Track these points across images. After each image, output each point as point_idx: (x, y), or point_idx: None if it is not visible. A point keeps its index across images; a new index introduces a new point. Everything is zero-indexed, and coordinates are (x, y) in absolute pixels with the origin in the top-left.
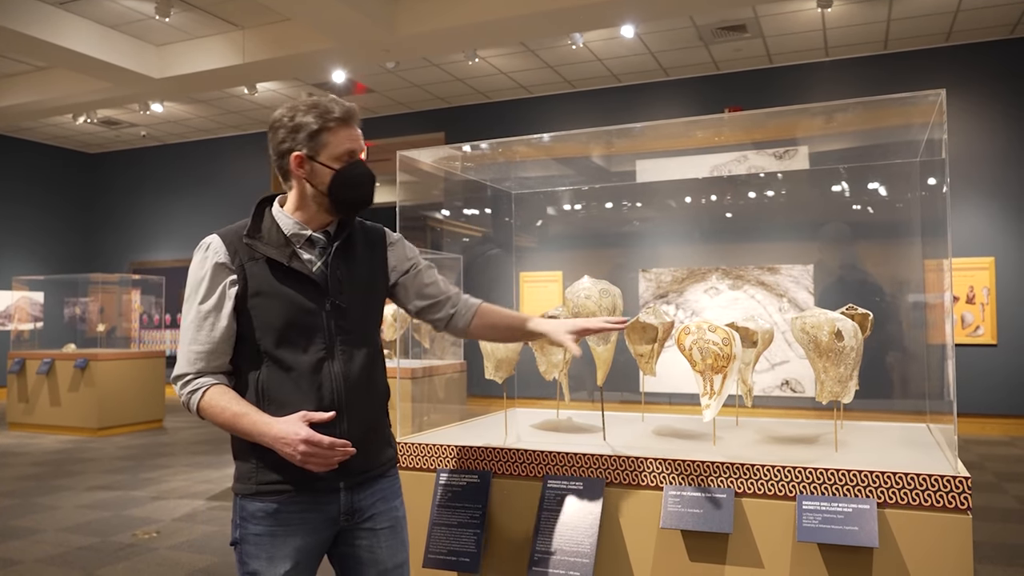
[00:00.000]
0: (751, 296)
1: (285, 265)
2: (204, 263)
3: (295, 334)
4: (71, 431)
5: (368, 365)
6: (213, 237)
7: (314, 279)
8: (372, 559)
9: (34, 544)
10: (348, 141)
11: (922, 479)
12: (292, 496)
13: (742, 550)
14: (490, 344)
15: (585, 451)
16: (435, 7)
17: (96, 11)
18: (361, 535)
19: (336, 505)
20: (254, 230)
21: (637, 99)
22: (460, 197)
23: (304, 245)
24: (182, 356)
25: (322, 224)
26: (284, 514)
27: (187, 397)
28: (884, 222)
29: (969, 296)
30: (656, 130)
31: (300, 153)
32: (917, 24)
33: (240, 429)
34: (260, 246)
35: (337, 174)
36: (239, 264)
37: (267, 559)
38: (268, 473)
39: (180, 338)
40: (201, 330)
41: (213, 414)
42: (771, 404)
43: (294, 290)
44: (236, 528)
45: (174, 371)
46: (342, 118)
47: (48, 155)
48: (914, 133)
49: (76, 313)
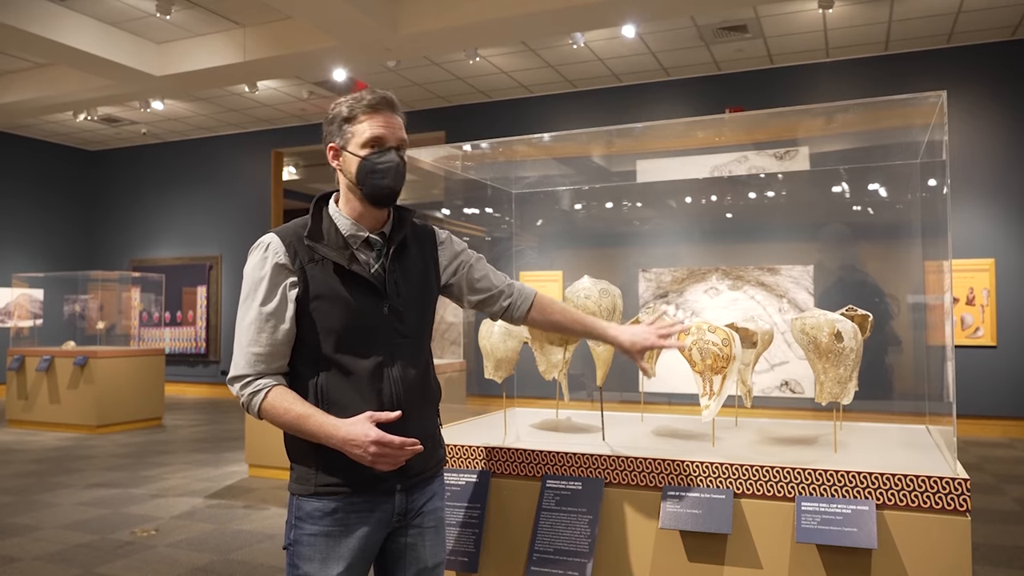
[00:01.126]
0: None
1: (345, 268)
2: (264, 263)
3: (355, 338)
4: (70, 428)
5: (424, 367)
6: (272, 237)
7: (373, 283)
8: (415, 557)
9: (33, 541)
10: (375, 128)
11: (921, 480)
12: (350, 496)
13: (741, 551)
14: (490, 343)
15: (584, 451)
16: (436, 6)
17: (97, 8)
18: (409, 533)
19: (391, 505)
20: (315, 231)
21: (638, 99)
22: (460, 196)
23: (361, 247)
24: (241, 357)
25: (376, 223)
26: (341, 514)
27: (248, 398)
28: (884, 223)
29: (969, 298)
30: (657, 130)
31: (334, 144)
32: (918, 25)
33: (306, 430)
34: (321, 248)
35: (362, 162)
36: (299, 266)
37: (320, 560)
38: (327, 476)
39: (237, 338)
40: (263, 332)
41: (276, 415)
42: (770, 405)
43: (353, 294)
44: (291, 529)
45: (231, 372)
46: (372, 104)
47: (48, 152)
48: (915, 134)
49: (76, 310)
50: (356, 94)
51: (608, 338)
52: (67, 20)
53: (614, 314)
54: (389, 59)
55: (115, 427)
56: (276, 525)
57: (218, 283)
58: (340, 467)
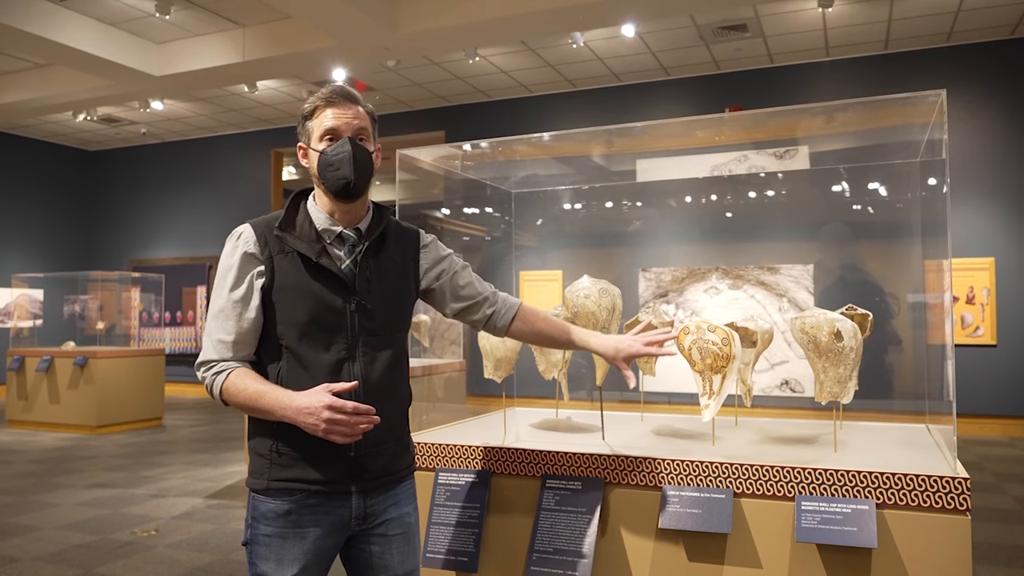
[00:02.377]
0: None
1: (313, 261)
2: (234, 252)
3: (318, 331)
4: (70, 429)
5: (391, 368)
6: (245, 226)
7: (341, 277)
8: (382, 565)
9: (33, 542)
10: (329, 120)
11: (921, 480)
12: (304, 498)
13: (741, 550)
14: (489, 343)
15: (584, 451)
16: (436, 6)
17: (96, 8)
18: (373, 540)
19: (348, 509)
20: (286, 223)
21: (637, 98)
22: (460, 196)
23: (335, 241)
24: (208, 344)
25: (351, 219)
26: (295, 515)
27: (211, 380)
28: (884, 222)
29: (969, 296)
30: (656, 129)
31: (302, 143)
32: (918, 24)
33: (262, 406)
34: (291, 240)
35: (320, 156)
36: (268, 256)
37: (276, 561)
38: (281, 470)
39: (207, 325)
40: (229, 319)
41: (235, 393)
42: (770, 404)
43: (320, 287)
44: (248, 528)
45: (199, 358)
46: (327, 98)
47: (48, 152)
48: (914, 133)
49: (76, 311)
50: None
51: (591, 347)
52: (66, 20)
53: (614, 313)
54: (389, 59)
55: (115, 427)
56: None
57: None
58: (293, 462)
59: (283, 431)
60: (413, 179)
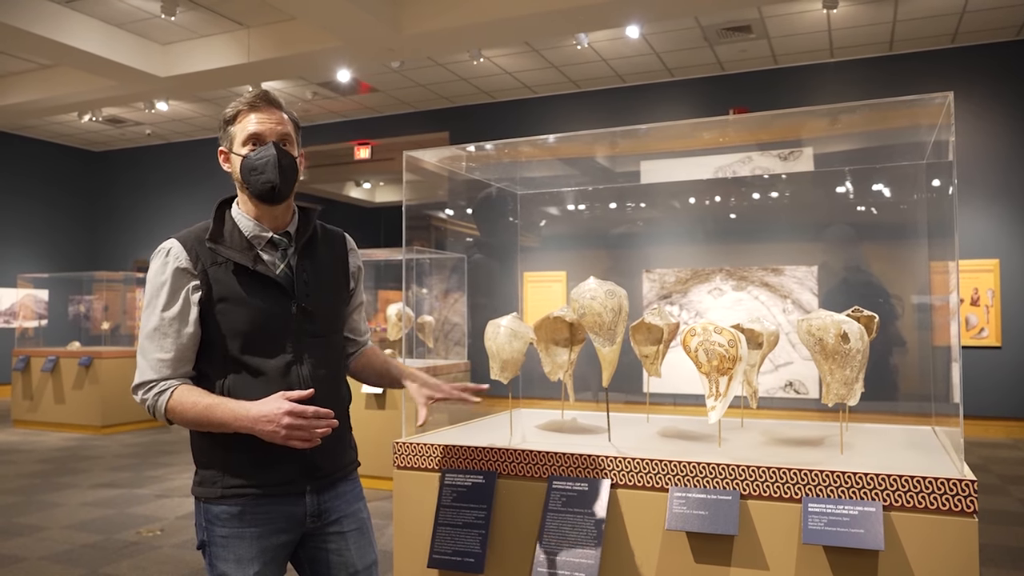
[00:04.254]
0: (755, 297)
1: (250, 269)
2: (164, 268)
3: (262, 339)
4: (75, 429)
5: (334, 368)
6: (172, 242)
7: (279, 282)
8: (341, 562)
9: (39, 541)
10: (251, 125)
11: (928, 482)
12: (258, 499)
13: (747, 552)
14: (496, 344)
15: (590, 452)
16: (440, 7)
17: (102, 10)
18: (329, 538)
19: (302, 507)
20: (216, 233)
21: (642, 99)
22: (464, 197)
23: (266, 247)
24: (145, 364)
25: (278, 223)
26: (249, 515)
27: (153, 400)
28: (889, 224)
29: (974, 298)
30: (661, 131)
31: (223, 147)
32: (923, 25)
33: (215, 419)
34: (223, 250)
35: (243, 161)
36: (201, 269)
37: (235, 560)
38: (233, 478)
39: (141, 345)
40: (167, 337)
41: (183, 411)
42: (775, 405)
43: (259, 294)
44: (202, 531)
45: (135, 380)
46: (250, 102)
47: (53, 153)
48: (921, 135)
49: (80, 311)
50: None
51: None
52: (72, 21)
53: (620, 315)
54: (393, 60)
55: (120, 427)
56: None
57: None
58: (247, 468)
59: (235, 439)
60: (418, 180)
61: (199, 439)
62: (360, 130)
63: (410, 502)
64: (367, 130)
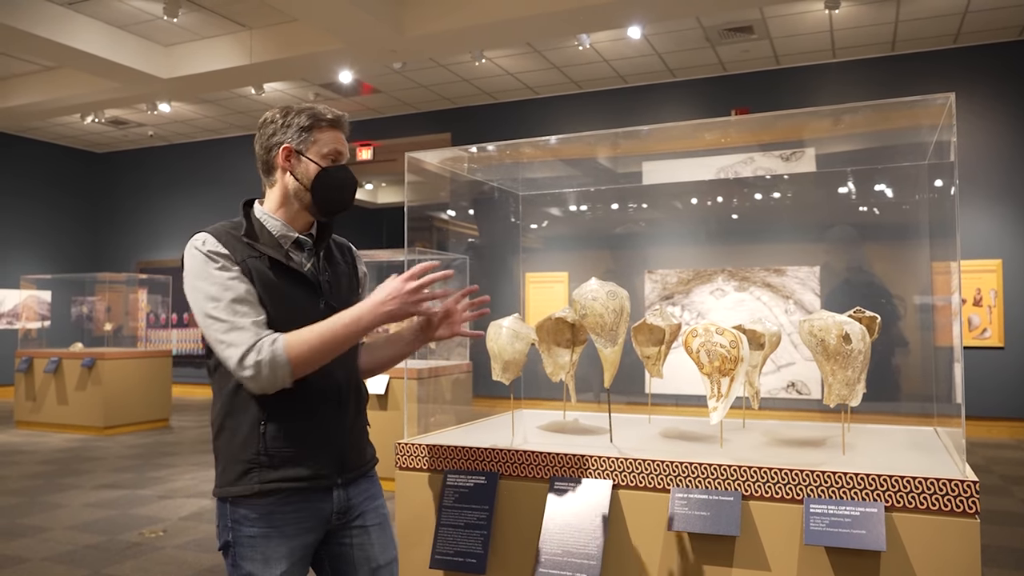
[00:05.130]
0: (757, 298)
1: (284, 264)
2: (214, 257)
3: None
4: (78, 430)
5: (353, 365)
6: (206, 235)
7: (310, 280)
8: (364, 557)
9: (42, 542)
10: (336, 142)
11: (930, 483)
12: (286, 497)
13: (749, 553)
14: (498, 345)
15: (592, 453)
16: (442, 8)
17: (104, 11)
18: (352, 533)
19: (330, 504)
20: (250, 230)
21: (644, 100)
22: (466, 198)
23: (292, 247)
24: (234, 335)
25: (305, 226)
26: (278, 515)
27: (269, 352)
28: (891, 224)
29: (976, 298)
30: (662, 132)
31: (289, 145)
32: (925, 26)
33: (340, 330)
34: (258, 245)
35: (323, 172)
36: (241, 260)
37: (263, 560)
38: (270, 472)
39: (221, 324)
40: (246, 303)
41: (306, 342)
42: (777, 406)
43: (293, 290)
44: (226, 531)
45: (233, 357)
46: (333, 120)
47: (56, 155)
48: (922, 135)
49: (83, 312)
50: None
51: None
52: (75, 23)
53: (621, 316)
54: (395, 61)
55: (123, 428)
56: None
57: None
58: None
59: (269, 434)
60: (420, 181)
61: (232, 435)
62: (362, 131)
63: (412, 503)
64: (369, 131)
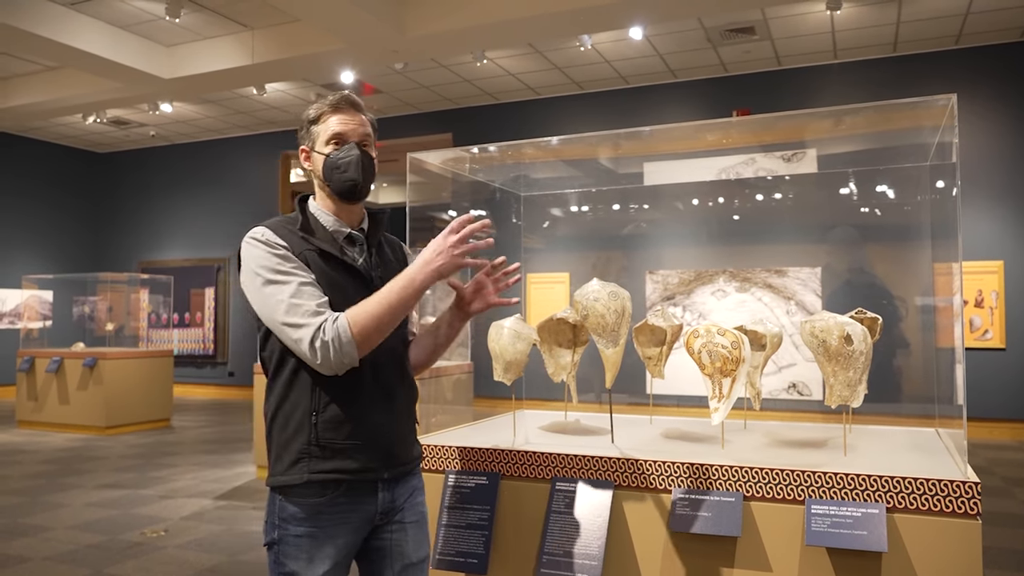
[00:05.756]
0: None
1: (338, 258)
2: (275, 246)
3: None
4: (79, 429)
5: (402, 360)
6: (264, 228)
7: (363, 273)
8: (399, 552)
9: (43, 542)
10: (336, 125)
11: (931, 484)
12: (335, 496)
13: (750, 554)
14: (499, 346)
15: (593, 453)
16: (444, 8)
17: (107, 12)
18: (391, 527)
19: (375, 503)
20: (305, 225)
21: (645, 101)
22: (468, 198)
23: (345, 241)
24: (302, 319)
25: (353, 221)
26: (326, 515)
27: (333, 330)
28: (892, 225)
29: (978, 300)
30: (664, 133)
31: (305, 146)
32: (926, 27)
33: (397, 293)
34: (313, 239)
35: (326, 159)
36: (299, 252)
37: (307, 560)
38: (321, 462)
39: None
40: (311, 287)
41: (366, 312)
42: (778, 407)
43: (347, 284)
44: (273, 529)
45: (303, 340)
46: (334, 104)
47: (58, 154)
48: (924, 137)
49: (85, 312)
50: (320, 97)
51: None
52: (77, 23)
53: (623, 317)
54: (396, 61)
55: (124, 428)
56: None
57: (226, 285)
58: (331, 454)
59: (321, 425)
60: (422, 181)
61: (284, 424)
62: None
63: None
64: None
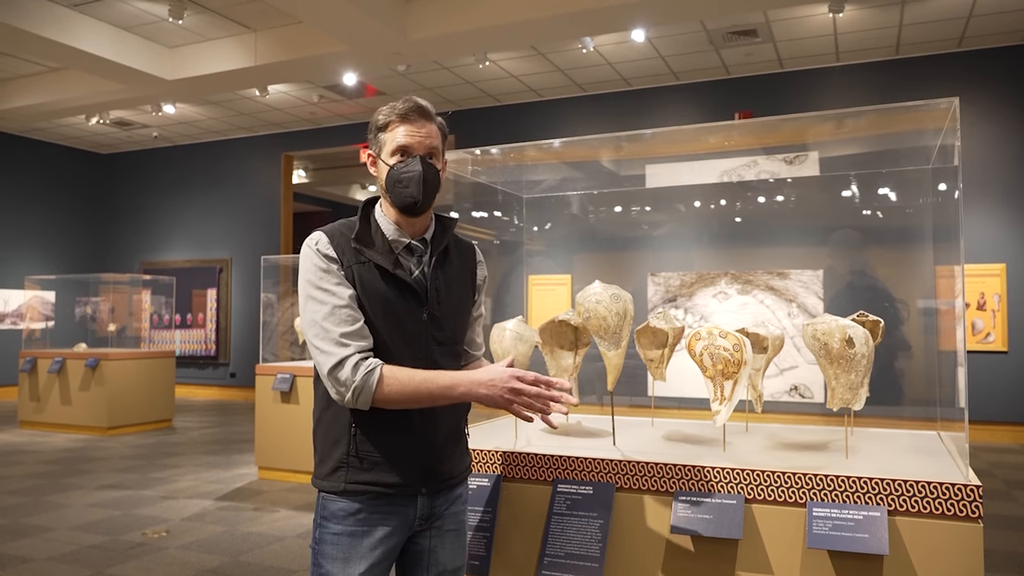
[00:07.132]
0: (760, 301)
1: (389, 272)
2: (322, 257)
3: (396, 340)
4: (81, 430)
5: None
6: (320, 235)
7: (415, 287)
8: (434, 559)
9: (45, 542)
10: (401, 136)
11: (933, 487)
12: (374, 499)
13: (752, 556)
14: (502, 348)
15: (595, 455)
16: (446, 10)
17: (110, 13)
18: (429, 533)
19: (414, 509)
20: (362, 234)
21: (647, 103)
22: (470, 200)
23: (403, 252)
24: (331, 345)
25: (417, 229)
26: (365, 515)
27: (363, 380)
28: (895, 228)
29: (980, 303)
30: (666, 135)
31: (372, 152)
32: (929, 29)
33: (435, 388)
34: (367, 251)
35: (389, 171)
36: (348, 265)
37: (343, 560)
38: (358, 473)
39: (319, 331)
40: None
41: (399, 386)
42: (780, 410)
43: (396, 298)
44: (316, 528)
45: (326, 365)
46: (401, 113)
47: (61, 155)
48: (926, 139)
49: (87, 312)
50: (395, 103)
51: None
52: (80, 25)
53: (625, 319)
54: (399, 63)
55: (126, 429)
56: (286, 527)
57: (228, 286)
58: (370, 466)
59: (361, 437)
60: None
61: (327, 431)
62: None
63: None
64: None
